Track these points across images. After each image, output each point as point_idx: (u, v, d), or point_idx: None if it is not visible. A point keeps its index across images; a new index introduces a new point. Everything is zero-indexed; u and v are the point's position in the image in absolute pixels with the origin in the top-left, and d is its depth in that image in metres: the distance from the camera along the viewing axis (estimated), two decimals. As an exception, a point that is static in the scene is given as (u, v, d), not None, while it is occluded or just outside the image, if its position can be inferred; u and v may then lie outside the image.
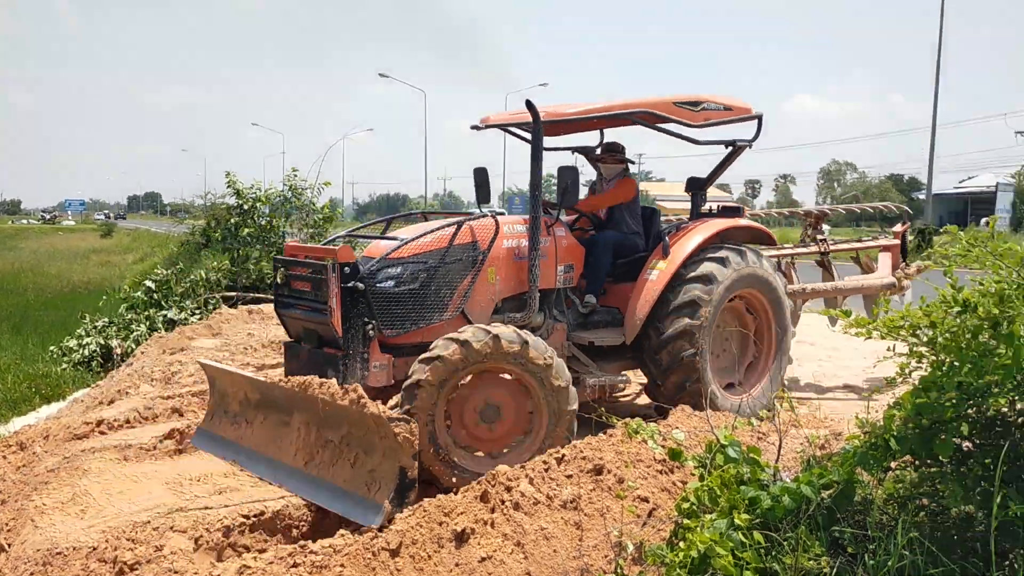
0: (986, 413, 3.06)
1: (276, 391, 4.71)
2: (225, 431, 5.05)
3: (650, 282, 6.06)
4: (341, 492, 4.11)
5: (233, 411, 5.09)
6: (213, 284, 13.69)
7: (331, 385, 4.34)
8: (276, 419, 4.72)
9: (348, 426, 4.26)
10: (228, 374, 5.17)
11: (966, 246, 3.04)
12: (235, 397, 5.09)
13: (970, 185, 55.20)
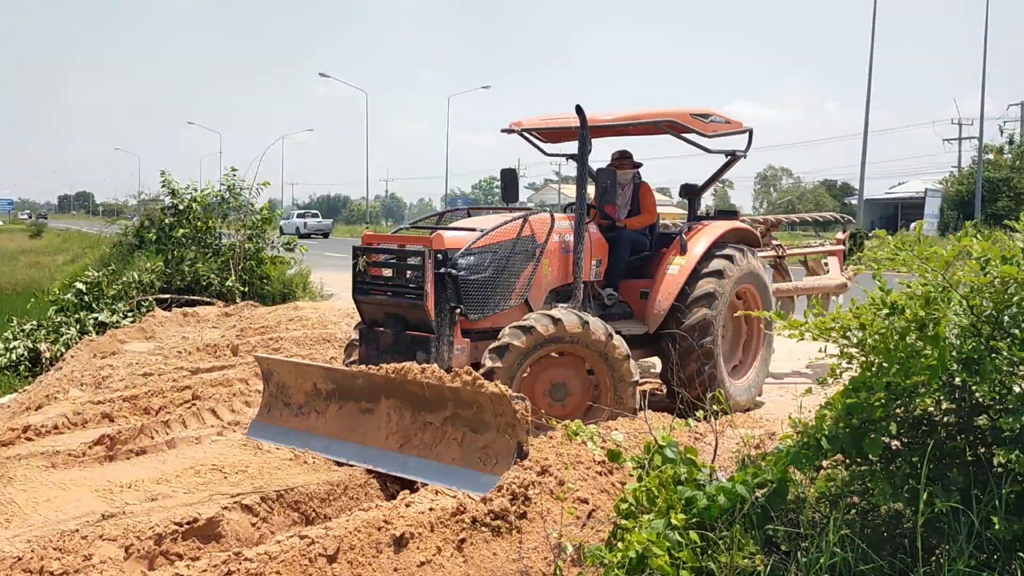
0: (913, 413, 3.15)
1: (357, 379, 4.97)
2: (290, 422, 5.24)
3: (672, 276, 6.63)
4: (451, 470, 4.35)
5: (297, 402, 5.28)
6: (146, 286, 13.39)
7: (434, 369, 4.75)
8: (355, 406, 4.97)
9: (454, 407, 4.54)
10: (294, 366, 5.41)
11: (894, 250, 3.12)
12: (300, 388, 5.28)
13: (900, 191, 56.82)
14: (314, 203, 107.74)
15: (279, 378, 5.44)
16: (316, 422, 5.15)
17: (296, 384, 5.33)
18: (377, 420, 4.84)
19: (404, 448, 4.63)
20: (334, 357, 8.12)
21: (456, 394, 4.54)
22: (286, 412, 5.33)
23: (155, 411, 6.40)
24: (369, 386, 4.95)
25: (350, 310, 12.59)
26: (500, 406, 4.36)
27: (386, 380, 4.86)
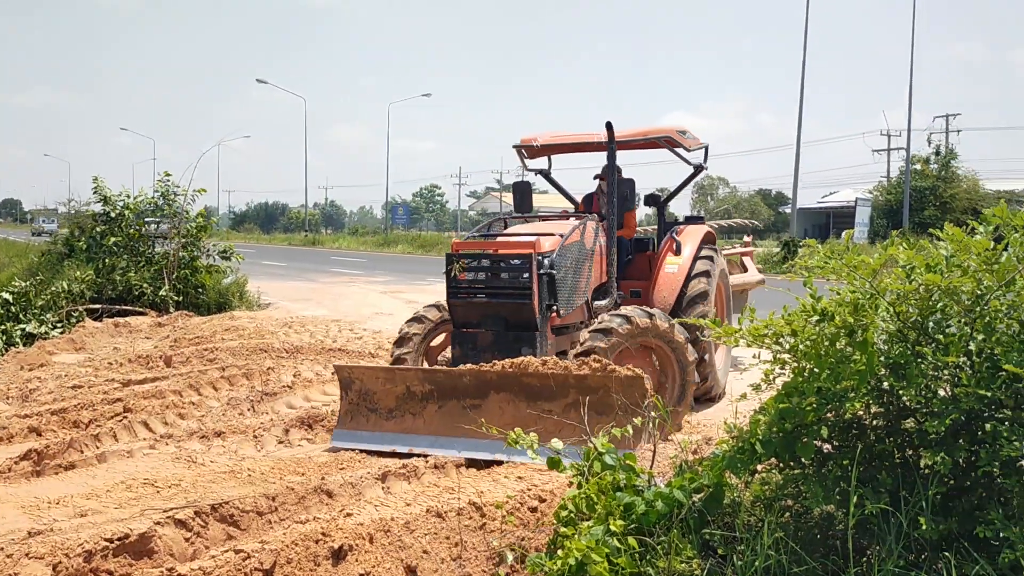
0: (844, 417, 3.22)
1: (463, 377, 5.25)
2: (381, 426, 5.42)
3: (672, 274, 7.24)
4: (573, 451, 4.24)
5: (387, 407, 5.46)
6: (76, 296, 13.01)
7: (556, 361, 5.18)
8: (458, 404, 5.21)
9: (577, 394, 4.86)
10: (384, 371, 5.60)
11: (824, 258, 3.20)
12: (389, 393, 5.46)
13: (832, 200, 58.32)
14: (251, 210, 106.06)
15: (362, 385, 5.58)
16: (414, 423, 5.34)
17: (384, 389, 5.49)
18: (486, 414, 4.98)
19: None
20: (271, 367, 8.00)
21: (582, 381, 4.88)
22: (373, 417, 5.50)
23: (85, 424, 6.22)
24: (477, 383, 5.20)
25: (287, 319, 12.45)
26: (631, 387, 4.77)
27: (499, 375, 5.18)
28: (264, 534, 3.94)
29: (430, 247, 47.31)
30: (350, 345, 9.81)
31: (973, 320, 2.99)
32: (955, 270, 2.96)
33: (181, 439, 5.74)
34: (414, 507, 4.13)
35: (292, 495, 4.31)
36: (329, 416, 6.08)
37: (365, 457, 5.24)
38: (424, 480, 4.69)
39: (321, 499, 4.36)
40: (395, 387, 5.48)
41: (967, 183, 42.17)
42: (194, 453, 5.38)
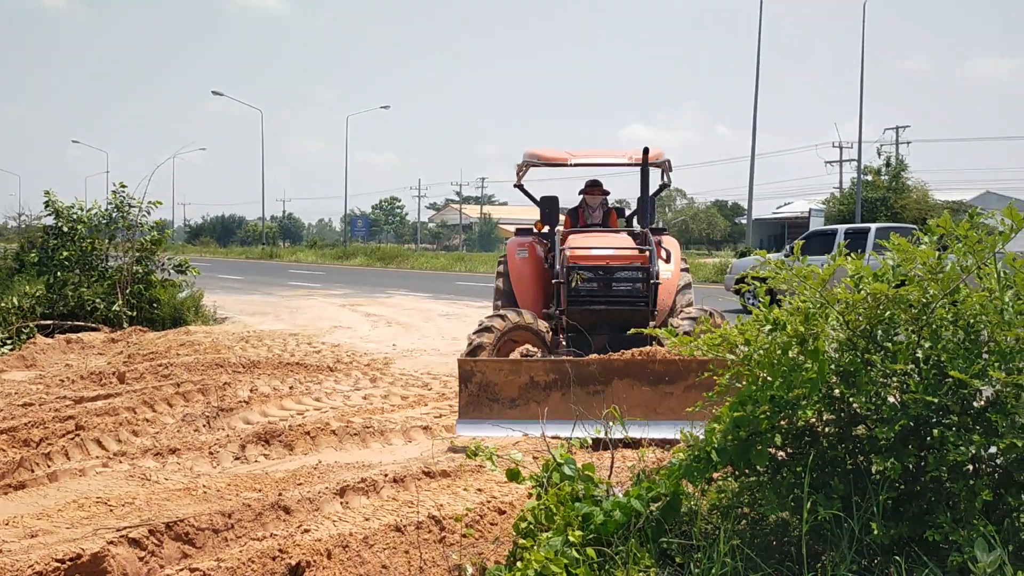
0: (797, 424, 3.27)
1: (590, 366, 5.80)
2: (504, 415, 5.79)
3: (668, 280, 7.60)
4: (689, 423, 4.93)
5: (509, 396, 5.90)
6: (27, 312, 12.74)
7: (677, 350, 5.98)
8: (582, 390, 5.67)
9: (692, 374, 5.35)
10: (508, 363, 6.04)
11: (775, 269, 3.26)
12: (512, 384, 5.92)
13: (786, 211, 59.30)
14: (207, 223, 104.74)
15: (483, 377, 5.95)
16: (538, 410, 5.63)
17: (505, 380, 5.92)
18: (611, 399, 5.36)
19: (649, 416, 5.31)
20: (227, 382, 7.90)
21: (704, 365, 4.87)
22: (496, 407, 5.90)
23: (35, 443, 6.09)
24: (602, 370, 5.79)
25: (244, 333, 12.31)
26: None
27: (626, 362, 5.83)
28: (220, 552, 3.89)
29: (389, 260, 47.12)
30: (308, 359, 9.73)
31: (920, 328, 3.06)
32: (901, 279, 3.04)
33: (135, 456, 5.64)
34: (373, 522, 4.11)
35: (249, 512, 4.26)
36: (287, 431, 6.02)
37: (324, 472, 5.20)
38: (383, 494, 4.67)
39: (278, 515, 4.31)
40: (519, 378, 5.92)
41: (917, 194, 43.15)
42: (148, 470, 5.30)
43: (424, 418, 6.81)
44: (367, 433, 6.20)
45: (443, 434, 6.21)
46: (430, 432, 6.32)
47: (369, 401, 7.54)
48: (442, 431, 6.33)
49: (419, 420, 6.69)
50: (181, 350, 10.30)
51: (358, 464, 5.42)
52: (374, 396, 7.75)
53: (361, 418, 6.72)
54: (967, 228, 2.98)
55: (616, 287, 6.85)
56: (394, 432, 6.28)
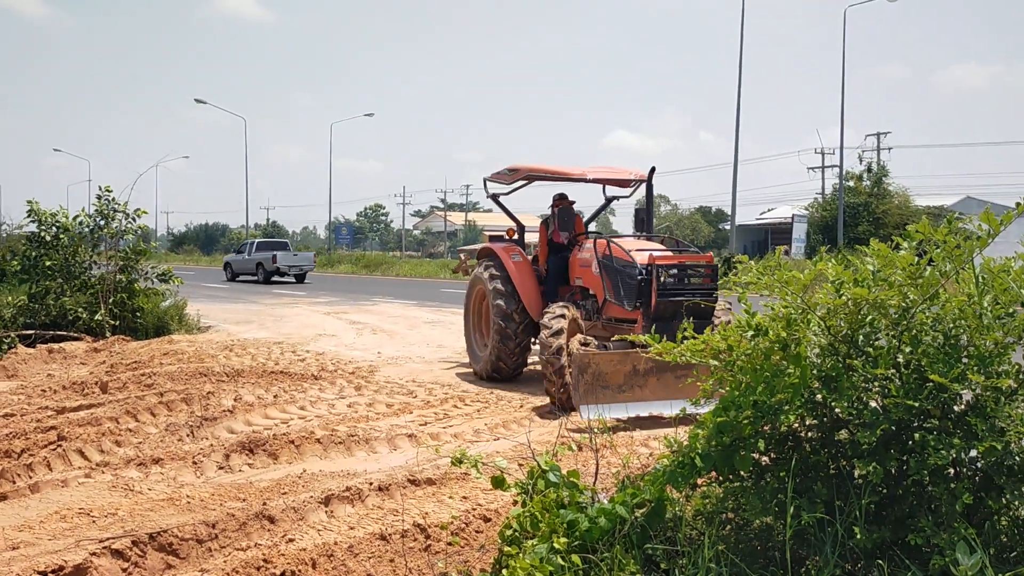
0: (780, 429, 3.29)
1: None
2: (616, 398, 6.86)
3: None
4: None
5: (616, 383, 6.95)
6: (8, 321, 12.65)
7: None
8: (671, 375, 6.86)
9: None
10: (619, 354, 7.17)
11: (757, 274, 3.28)
12: (619, 372, 6.99)
13: (770, 217, 59.57)
14: (191, 232, 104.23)
15: (596, 368, 6.94)
16: (640, 393, 6.95)
17: (615, 370, 6.99)
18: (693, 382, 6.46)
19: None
20: (211, 391, 7.86)
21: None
22: (607, 392, 6.88)
23: (17, 454, 6.03)
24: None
25: (228, 342, 12.26)
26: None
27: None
28: (204, 562, 3.87)
29: (374, 267, 46.99)
30: (293, 367, 9.70)
31: (900, 333, 3.08)
32: (882, 284, 3.06)
33: (118, 467, 5.60)
34: (358, 530, 4.11)
35: (233, 521, 4.24)
36: (271, 440, 6.00)
37: (308, 481, 5.18)
38: (368, 503, 4.66)
39: (263, 525, 4.30)
40: (624, 367, 7.01)
41: (898, 199, 43.48)
42: (131, 481, 5.26)
43: (409, 426, 6.80)
44: (352, 441, 6.18)
45: (428, 442, 6.21)
46: (415, 440, 6.31)
47: (354, 409, 7.52)
48: (427, 439, 6.33)
49: (404, 428, 6.69)
50: (164, 359, 10.24)
51: (343, 473, 5.41)
52: (359, 404, 7.73)
53: (346, 426, 6.70)
54: (946, 233, 3.01)
55: (691, 282, 8.02)
56: (379, 440, 6.27)
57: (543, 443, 5.81)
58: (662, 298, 7.80)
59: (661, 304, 7.80)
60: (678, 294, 7.82)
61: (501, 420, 7.08)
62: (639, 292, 7.94)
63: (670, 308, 7.80)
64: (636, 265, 8.05)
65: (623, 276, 8.18)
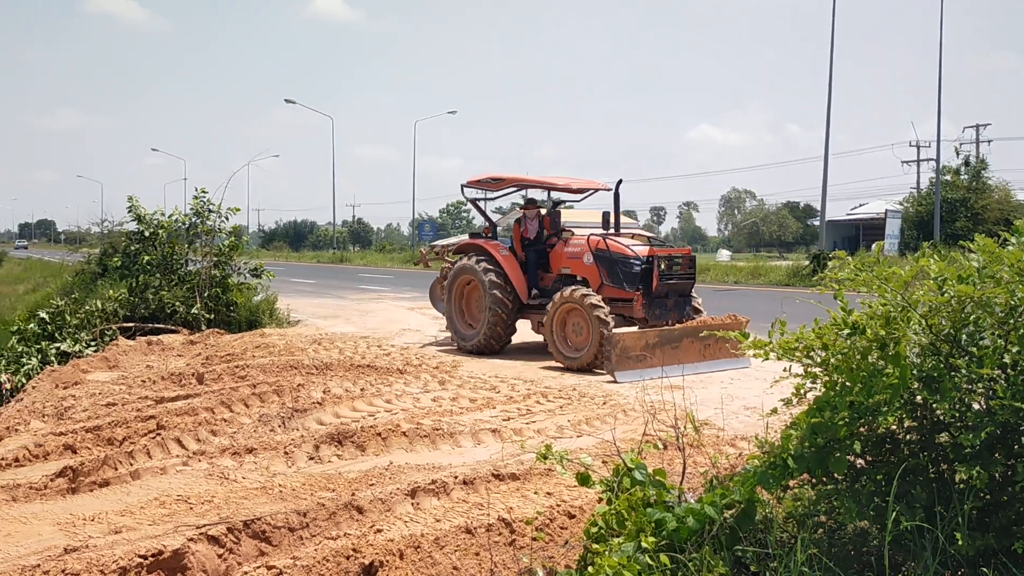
0: (877, 431, 3.19)
1: (674, 333, 9.50)
2: (636, 366, 9.04)
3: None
4: (725, 361, 9.67)
5: (636, 354, 9.13)
6: (110, 315, 13.20)
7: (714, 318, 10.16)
8: (670, 347, 9.31)
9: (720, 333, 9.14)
10: (637, 334, 9.44)
11: (854, 271, 3.18)
12: (637, 346, 9.17)
13: (861, 212, 57.79)
14: (280, 228, 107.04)
15: (623, 344, 9.06)
16: (651, 361, 9.07)
17: (635, 344, 9.18)
18: (683, 350, 9.38)
19: (703, 359, 9.50)
20: (301, 384, 8.06)
21: (725, 324, 9.57)
22: (630, 361, 9.07)
23: (119, 442, 6.30)
24: (681, 333, 9.50)
25: (317, 336, 12.54)
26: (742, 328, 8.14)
27: (691, 328, 9.53)
28: (296, 550, 3.96)
29: (457, 263, 47.29)
30: (379, 361, 9.86)
31: (1007, 332, 2.95)
32: (988, 281, 2.93)
33: (213, 455, 5.79)
34: (443, 523, 4.14)
35: (323, 511, 4.34)
36: (359, 432, 6.11)
37: (395, 473, 5.26)
38: (453, 496, 4.70)
39: (351, 515, 4.38)
40: (640, 342, 9.24)
41: (999, 193, 41.59)
42: (226, 469, 5.43)
43: (492, 420, 6.84)
44: (437, 435, 6.25)
45: (511, 437, 6.23)
46: (499, 435, 6.34)
47: (438, 403, 7.60)
48: (511, 434, 6.35)
49: (488, 423, 6.72)
50: (257, 352, 10.54)
51: (428, 466, 5.47)
52: (443, 398, 7.81)
53: (431, 420, 6.78)
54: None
55: (677, 269, 10.30)
56: (463, 434, 6.32)
57: (627, 440, 5.77)
58: (662, 282, 10.13)
59: (661, 287, 10.14)
60: (671, 278, 10.26)
61: (584, 416, 7.05)
62: (637, 278, 10.18)
63: (664, 290, 10.19)
64: (638, 257, 10.29)
65: (621, 265, 10.30)
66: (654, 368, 8.71)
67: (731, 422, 6.73)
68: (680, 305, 10.36)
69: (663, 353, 9.15)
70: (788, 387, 3.49)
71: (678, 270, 10.29)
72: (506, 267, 11.08)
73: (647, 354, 9.09)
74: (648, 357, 9.06)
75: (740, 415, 7.24)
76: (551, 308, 10.22)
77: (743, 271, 32.69)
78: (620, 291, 10.19)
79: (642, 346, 9.14)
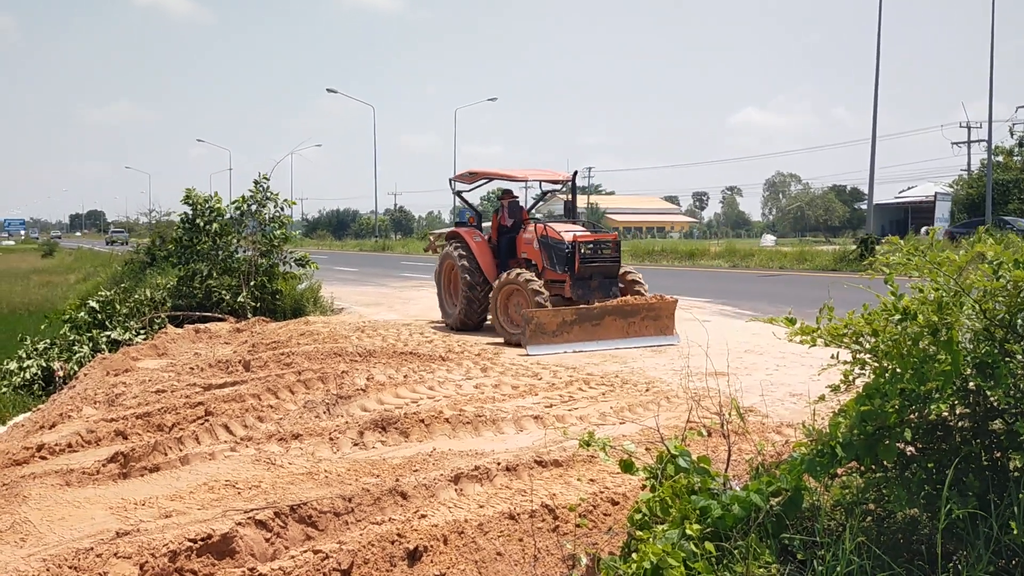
0: (928, 418, 3.12)
1: (593, 312, 10.10)
2: (551, 341, 9.78)
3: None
4: (650, 338, 10.21)
5: (551, 331, 9.82)
6: (158, 303, 13.45)
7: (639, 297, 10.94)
8: (590, 324, 10.00)
9: (645, 311, 10.28)
10: (551, 311, 10.02)
11: (906, 255, 3.11)
12: (552, 323, 9.84)
13: (910, 195, 56.66)
14: (323, 217, 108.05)
15: (538, 320, 9.80)
16: (567, 337, 9.84)
17: (550, 321, 9.85)
18: (605, 327, 10.07)
19: (625, 335, 10.12)
20: (345, 371, 8.13)
21: (650, 303, 10.51)
22: (545, 337, 9.79)
23: (168, 428, 6.42)
24: (601, 312, 10.13)
25: (360, 323, 12.65)
26: (670, 307, 10.53)
27: (613, 307, 10.22)
28: (341, 535, 4.00)
29: (498, 250, 47.36)
30: (421, 349, 9.91)
31: (1065, 317, 2.87)
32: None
33: (260, 441, 5.87)
34: (487, 509, 4.15)
35: (368, 496, 4.38)
36: (402, 418, 6.15)
37: (438, 459, 5.29)
38: (496, 482, 4.71)
39: (396, 500, 4.41)
40: (556, 319, 9.91)
41: (1055, 175, 40.47)
42: (273, 455, 5.50)
43: (535, 407, 6.84)
44: (479, 422, 6.26)
45: (554, 423, 6.22)
46: (541, 421, 6.34)
47: (480, 390, 7.62)
48: (554, 421, 6.34)
49: (530, 409, 6.72)
50: (301, 339, 10.66)
51: (471, 452, 5.48)
52: (485, 385, 7.83)
53: (473, 407, 6.80)
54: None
55: (603, 252, 11.04)
56: (506, 421, 6.33)
57: (671, 428, 5.73)
58: (582, 264, 10.93)
59: (581, 268, 10.92)
60: (593, 262, 10.98)
61: (627, 403, 7.02)
62: (567, 261, 11.04)
63: (587, 271, 10.96)
64: (564, 242, 11.12)
65: (555, 250, 11.21)
66: (568, 343, 9.77)
67: (776, 409, 6.65)
68: (605, 286, 11.01)
69: (582, 330, 9.95)
70: (834, 374, 3.44)
71: (605, 254, 11.04)
72: (476, 253, 12.12)
73: (564, 331, 9.87)
74: (566, 333, 9.86)
75: (785, 402, 7.15)
76: (495, 289, 11.17)
77: (788, 256, 32.25)
78: (556, 274, 11.16)
79: (558, 323, 9.89)
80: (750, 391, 7.16)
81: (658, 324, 10.40)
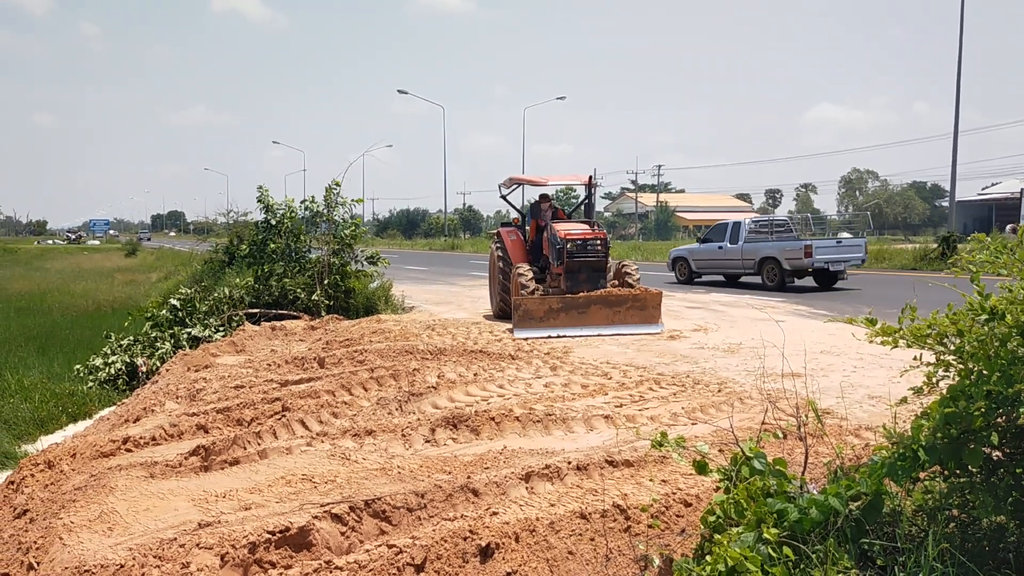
0: (1016, 422, 3.01)
1: (578, 300, 11.24)
2: (537, 326, 11.01)
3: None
4: (635, 326, 11.18)
5: (539, 316, 11.06)
6: (236, 301, 13.80)
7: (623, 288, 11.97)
8: (576, 312, 11.13)
9: (631, 302, 11.24)
10: (538, 299, 11.29)
11: (994, 253, 3.00)
12: (540, 310, 11.11)
13: (994, 191, 54.68)
14: (394, 217, 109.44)
15: (526, 307, 11.09)
16: (554, 322, 11.00)
17: (537, 308, 11.11)
18: (591, 315, 11.13)
19: (610, 323, 11.11)
20: (416, 368, 8.23)
21: (635, 294, 11.39)
22: (532, 322, 11.04)
23: (247, 422, 6.58)
24: (586, 301, 11.23)
25: (430, 322, 12.80)
26: (655, 298, 11.46)
27: (598, 297, 11.33)
28: (414, 530, 4.05)
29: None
30: (491, 347, 9.96)
31: None
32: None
33: (335, 437, 5.98)
34: (558, 508, 4.16)
35: (440, 493, 4.42)
36: (473, 416, 6.20)
37: (509, 457, 5.31)
38: (567, 481, 4.71)
39: (467, 497, 4.45)
40: (543, 306, 11.14)
41: None
42: (347, 450, 5.60)
43: (605, 407, 6.81)
44: (549, 420, 6.27)
45: (624, 423, 6.19)
46: (611, 421, 6.31)
47: (550, 389, 7.62)
48: (624, 420, 6.31)
49: (600, 409, 6.70)
50: (373, 337, 10.82)
51: (541, 451, 5.49)
52: (555, 384, 7.83)
53: (543, 405, 6.80)
54: None
55: (589, 249, 12.22)
56: (576, 420, 6.32)
57: (745, 429, 5.64)
58: (570, 259, 12.16)
59: (569, 262, 12.16)
60: (580, 257, 12.21)
61: (699, 404, 6.94)
62: (560, 256, 12.31)
63: (575, 265, 12.20)
64: (560, 240, 12.33)
65: (555, 247, 12.51)
66: (554, 328, 11.08)
67: (854, 411, 6.50)
68: (593, 279, 12.19)
69: (568, 316, 11.17)
70: (916, 376, 3.34)
71: (592, 250, 12.27)
72: (510, 249, 13.64)
73: (551, 317, 11.16)
74: (552, 319, 11.15)
75: (864, 404, 6.97)
76: (511, 280, 12.89)
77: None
78: (556, 267, 12.52)
79: (544, 310, 11.18)
80: (827, 393, 7.01)
81: (644, 314, 11.32)
